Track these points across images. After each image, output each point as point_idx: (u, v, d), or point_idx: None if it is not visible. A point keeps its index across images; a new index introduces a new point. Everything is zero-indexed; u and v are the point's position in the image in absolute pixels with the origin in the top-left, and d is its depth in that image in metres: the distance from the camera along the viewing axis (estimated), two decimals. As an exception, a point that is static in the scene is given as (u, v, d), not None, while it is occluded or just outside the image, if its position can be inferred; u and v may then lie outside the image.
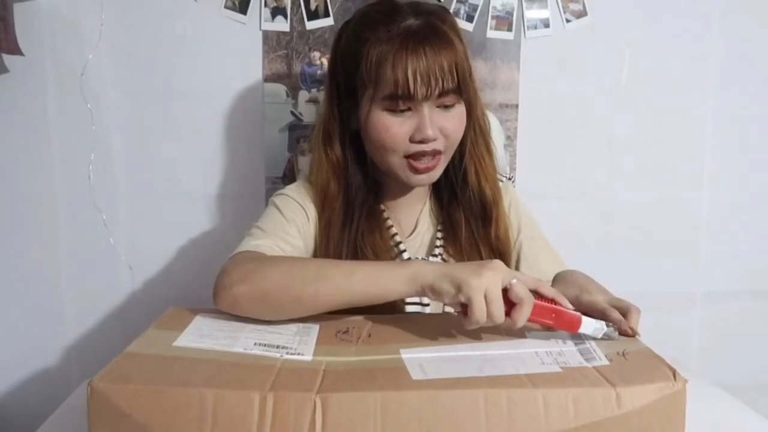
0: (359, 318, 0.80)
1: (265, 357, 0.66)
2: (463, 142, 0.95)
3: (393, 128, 0.89)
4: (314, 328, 0.76)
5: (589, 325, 0.71)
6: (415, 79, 0.85)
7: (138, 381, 0.60)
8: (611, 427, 0.59)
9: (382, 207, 1.00)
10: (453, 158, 0.97)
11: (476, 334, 0.73)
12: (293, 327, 0.76)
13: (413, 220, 1.02)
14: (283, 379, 0.61)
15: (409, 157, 0.91)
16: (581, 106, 1.38)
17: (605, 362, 0.65)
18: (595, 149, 1.40)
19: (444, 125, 0.90)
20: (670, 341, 0.80)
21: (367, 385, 0.60)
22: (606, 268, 1.02)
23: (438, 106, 0.89)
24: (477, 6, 1.34)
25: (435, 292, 0.72)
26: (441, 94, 0.87)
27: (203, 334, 0.72)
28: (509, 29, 1.35)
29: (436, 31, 0.87)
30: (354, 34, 0.91)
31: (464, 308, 0.70)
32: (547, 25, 1.35)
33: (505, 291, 0.70)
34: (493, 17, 1.34)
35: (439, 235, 1.00)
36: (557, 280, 0.93)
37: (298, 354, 0.68)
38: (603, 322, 0.72)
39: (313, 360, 0.66)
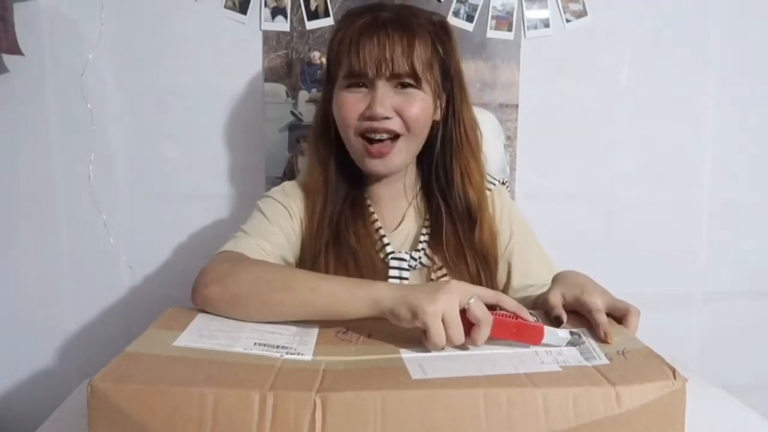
0: (359, 318, 0.80)
1: (265, 357, 0.66)
2: (449, 145, 0.99)
3: (348, 103, 0.94)
4: (314, 328, 0.76)
5: (552, 336, 0.70)
6: (365, 59, 0.90)
7: (138, 381, 0.60)
8: (611, 425, 0.58)
9: (368, 202, 1.03)
10: (437, 161, 1.00)
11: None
12: (293, 327, 0.76)
13: (399, 215, 1.04)
14: (283, 378, 0.61)
15: (362, 136, 0.95)
16: (581, 106, 1.38)
17: (605, 361, 0.65)
18: (595, 149, 1.40)
19: (400, 106, 0.93)
20: (670, 341, 0.80)
21: (367, 385, 0.60)
22: (606, 268, 1.02)
23: (395, 87, 0.93)
24: (477, 6, 1.34)
25: (394, 317, 0.72)
26: (394, 76, 0.92)
27: (203, 334, 0.72)
28: (509, 29, 1.35)
29: (403, 23, 0.92)
30: (334, 27, 1.00)
31: (425, 332, 0.70)
32: (547, 25, 1.35)
33: (465, 311, 0.69)
34: (493, 17, 1.34)
35: (424, 231, 1.02)
36: (557, 279, 0.93)
37: (298, 354, 0.68)
38: (567, 331, 0.71)
39: (313, 360, 0.66)
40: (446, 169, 1.01)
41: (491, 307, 0.71)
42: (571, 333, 0.71)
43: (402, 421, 0.58)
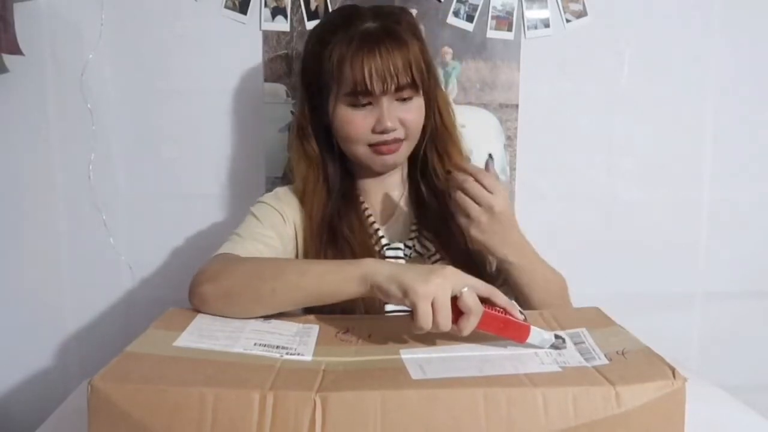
0: (359, 318, 0.80)
1: (264, 357, 0.66)
2: (428, 132, 1.03)
3: (356, 121, 0.97)
4: (314, 329, 0.76)
5: (536, 336, 0.70)
6: (371, 76, 0.93)
7: (138, 380, 0.60)
8: (611, 425, 0.59)
9: (361, 198, 1.06)
10: (420, 149, 1.04)
11: (477, 336, 0.72)
12: (293, 328, 0.76)
13: (391, 208, 1.08)
14: (283, 378, 0.61)
15: (372, 146, 0.99)
16: (581, 106, 1.38)
17: (604, 361, 0.65)
18: (595, 149, 1.40)
19: (402, 116, 0.98)
20: (670, 341, 0.80)
21: (367, 385, 0.60)
22: (606, 268, 1.02)
23: (397, 99, 0.97)
24: (477, 6, 1.34)
25: (383, 293, 0.73)
26: (397, 89, 0.95)
27: (203, 335, 0.72)
28: (509, 29, 1.35)
29: (391, 32, 0.95)
30: (318, 37, 1.00)
31: (412, 312, 0.70)
32: (547, 25, 1.35)
33: (456, 298, 0.69)
34: (493, 17, 1.34)
35: (415, 220, 1.05)
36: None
37: (298, 354, 0.68)
38: (552, 334, 0.71)
39: (313, 360, 0.67)
40: (428, 155, 1.05)
41: (482, 301, 0.71)
42: (556, 336, 0.71)
43: (402, 421, 0.58)
